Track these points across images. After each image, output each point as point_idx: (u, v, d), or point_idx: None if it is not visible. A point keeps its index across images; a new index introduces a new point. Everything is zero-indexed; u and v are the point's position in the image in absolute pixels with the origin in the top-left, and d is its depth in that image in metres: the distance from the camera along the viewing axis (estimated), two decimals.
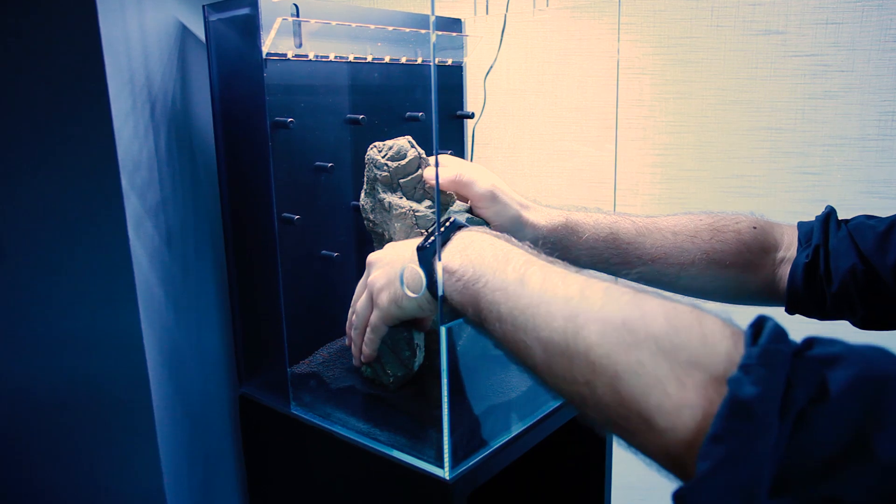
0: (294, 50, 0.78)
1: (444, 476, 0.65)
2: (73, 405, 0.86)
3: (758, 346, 0.37)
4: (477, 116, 1.06)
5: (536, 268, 0.52)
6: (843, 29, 1.05)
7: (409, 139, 0.77)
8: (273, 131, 0.76)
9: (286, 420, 0.80)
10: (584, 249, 0.76)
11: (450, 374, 0.62)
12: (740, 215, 0.77)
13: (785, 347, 0.37)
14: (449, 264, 0.58)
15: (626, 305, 0.44)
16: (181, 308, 0.82)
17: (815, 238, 0.71)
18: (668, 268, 0.75)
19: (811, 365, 0.37)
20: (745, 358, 0.37)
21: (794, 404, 0.35)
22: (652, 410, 0.40)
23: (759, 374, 0.36)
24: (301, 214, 0.79)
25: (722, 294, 0.76)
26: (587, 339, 0.44)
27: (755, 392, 0.35)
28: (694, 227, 0.76)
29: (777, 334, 0.38)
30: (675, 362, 0.40)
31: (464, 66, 1.08)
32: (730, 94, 1.13)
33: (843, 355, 0.36)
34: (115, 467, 0.85)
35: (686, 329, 0.41)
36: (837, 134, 1.09)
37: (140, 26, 0.74)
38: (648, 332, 0.42)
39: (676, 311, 0.42)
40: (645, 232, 0.76)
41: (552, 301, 0.48)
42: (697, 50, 1.14)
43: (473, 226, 0.63)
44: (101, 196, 0.74)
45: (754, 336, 0.39)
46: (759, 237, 0.75)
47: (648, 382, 0.40)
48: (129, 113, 0.73)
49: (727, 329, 0.41)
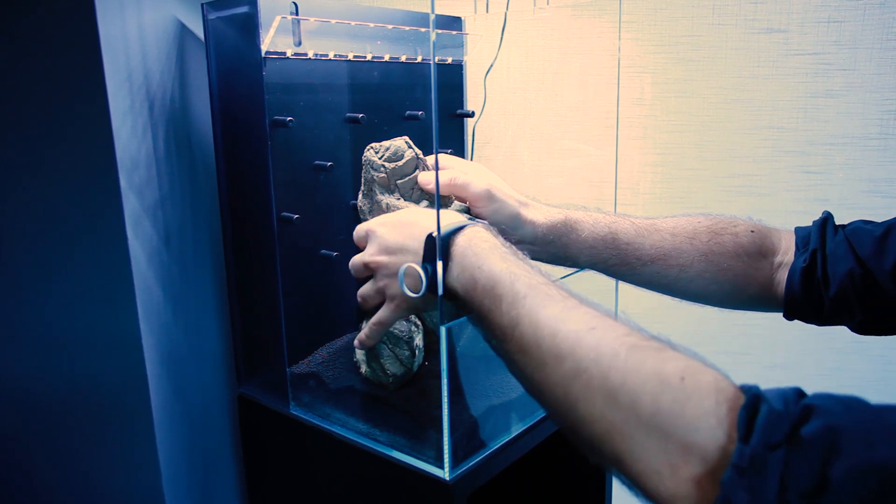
0: (293, 48, 0.78)
1: (443, 477, 0.65)
2: (72, 405, 0.86)
3: (750, 447, 0.37)
4: (477, 115, 1.06)
5: (525, 311, 0.51)
6: (845, 27, 1.05)
7: (406, 139, 0.77)
8: (272, 130, 0.76)
9: (285, 420, 0.80)
10: (583, 248, 0.76)
11: (450, 374, 0.62)
12: (738, 219, 0.77)
13: (778, 451, 0.37)
14: (450, 288, 0.59)
15: (615, 375, 0.44)
16: (180, 307, 0.81)
17: (813, 242, 0.71)
18: (667, 269, 0.75)
19: (808, 456, 0.36)
20: (738, 458, 0.37)
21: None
22: (652, 493, 0.41)
23: (752, 480, 0.36)
24: (300, 214, 0.79)
25: (719, 298, 0.76)
26: (586, 412, 0.45)
27: (746, 500, 0.36)
28: (692, 229, 0.76)
29: (770, 425, 0.38)
30: (669, 448, 0.40)
31: (464, 64, 1.07)
32: (731, 93, 1.13)
33: (840, 438, 0.36)
34: (114, 468, 0.85)
35: (676, 412, 0.40)
36: (839, 133, 1.09)
37: (138, 24, 0.74)
38: (637, 414, 0.42)
39: (665, 384, 0.42)
40: (644, 233, 0.76)
41: (546, 362, 0.48)
42: (698, 48, 1.14)
43: (493, 228, 0.62)
44: (100, 195, 0.74)
45: (748, 425, 0.38)
46: (756, 241, 0.74)
47: (645, 469, 0.41)
48: (128, 112, 0.73)
49: (721, 406, 0.40)
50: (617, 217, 0.78)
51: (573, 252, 0.77)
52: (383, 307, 0.68)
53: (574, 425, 0.46)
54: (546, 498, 1.01)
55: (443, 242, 0.60)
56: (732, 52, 1.12)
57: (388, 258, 0.66)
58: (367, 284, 0.69)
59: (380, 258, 0.67)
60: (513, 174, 1.26)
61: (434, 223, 0.60)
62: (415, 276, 0.61)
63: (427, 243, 0.61)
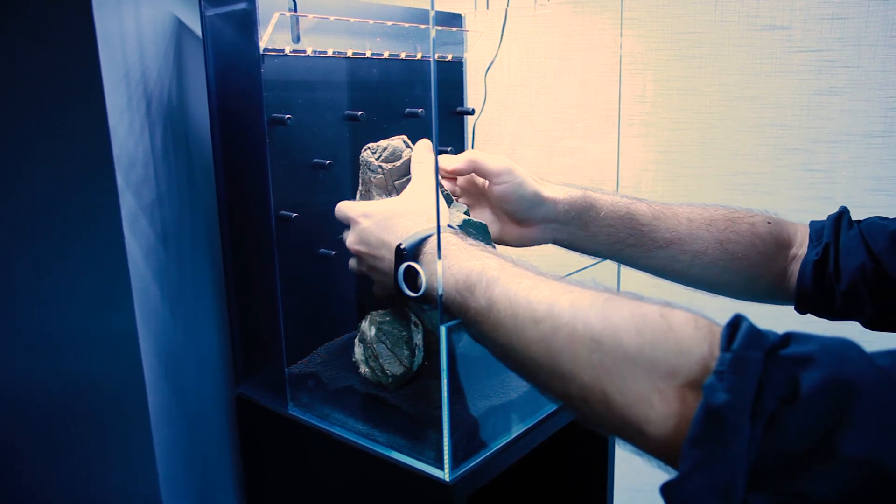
0: (292, 45, 0.78)
1: (444, 478, 0.65)
2: (67, 406, 0.86)
3: (730, 352, 0.39)
4: (477, 113, 1.06)
5: (499, 289, 0.53)
6: (849, 24, 1.05)
7: (403, 139, 0.77)
8: (270, 128, 0.76)
9: (284, 421, 0.80)
10: (602, 227, 0.76)
11: (450, 374, 0.62)
12: (754, 211, 0.78)
13: (757, 352, 0.39)
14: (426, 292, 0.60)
15: (595, 321, 0.46)
16: (177, 307, 0.81)
17: (826, 236, 0.71)
18: (682, 254, 0.75)
19: (784, 365, 0.38)
20: (719, 364, 0.39)
21: (765, 407, 0.38)
22: (642, 422, 0.42)
23: (731, 381, 0.38)
24: (299, 212, 0.79)
25: (733, 288, 0.77)
26: (570, 363, 0.46)
27: (726, 399, 0.38)
28: (709, 216, 0.77)
29: (751, 336, 0.40)
30: (655, 375, 0.42)
31: (464, 61, 1.07)
32: (734, 91, 1.13)
33: (816, 355, 0.38)
34: (110, 469, 0.85)
35: (659, 340, 0.43)
36: (843, 130, 1.09)
37: (136, 21, 0.74)
38: (623, 350, 0.44)
39: (646, 319, 0.44)
40: (661, 216, 0.76)
41: (524, 327, 0.50)
42: (701, 45, 1.14)
43: (460, 231, 0.63)
44: (96, 193, 0.74)
45: (729, 338, 0.40)
46: (773, 232, 0.75)
47: (634, 399, 0.43)
48: (125, 109, 0.73)
49: (699, 331, 0.42)
50: (634, 199, 0.78)
51: (592, 230, 0.76)
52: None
53: (560, 381, 0.48)
54: (547, 499, 1.01)
55: (411, 252, 0.61)
56: (735, 49, 1.12)
57: (367, 250, 0.68)
58: (352, 260, 0.73)
59: (359, 248, 0.69)
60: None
61: (417, 224, 0.63)
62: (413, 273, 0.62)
63: (396, 253, 0.62)
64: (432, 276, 0.59)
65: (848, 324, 0.71)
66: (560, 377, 0.47)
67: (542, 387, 0.51)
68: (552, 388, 0.49)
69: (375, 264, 0.68)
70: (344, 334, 0.91)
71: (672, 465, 0.42)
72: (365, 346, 0.76)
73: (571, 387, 0.47)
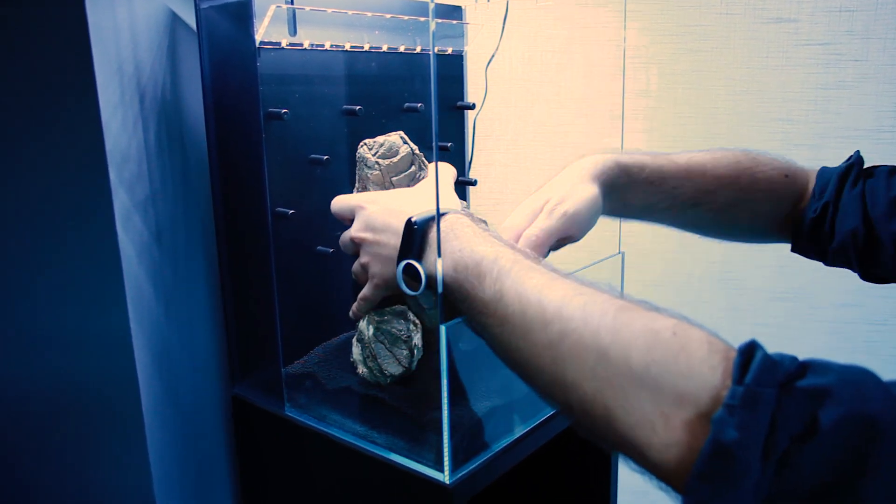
0: (288, 38, 0.78)
1: (443, 480, 0.66)
2: (59, 407, 0.86)
3: (743, 386, 0.38)
4: (478, 107, 1.06)
5: (510, 283, 0.52)
6: (858, 16, 1.05)
7: (401, 134, 0.77)
8: (267, 123, 0.76)
9: (280, 422, 0.80)
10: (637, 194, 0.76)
11: (450, 374, 0.63)
12: (775, 160, 0.79)
13: (771, 388, 0.38)
14: (429, 275, 0.60)
15: (605, 331, 0.45)
16: (172, 306, 0.82)
17: (828, 193, 0.72)
18: (707, 212, 0.77)
19: (800, 399, 0.37)
20: (730, 397, 0.38)
21: (778, 446, 0.36)
22: (643, 446, 0.41)
23: (742, 416, 0.37)
24: (295, 209, 0.79)
25: (739, 234, 0.81)
26: (574, 372, 0.45)
27: (735, 437, 0.37)
28: (735, 174, 0.77)
29: (765, 368, 0.38)
30: (661, 398, 0.41)
31: (464, 55, 1.07)
32: (740, 85, 1.13)
33: (833, 389, 0.37)
34: (103, 471, 0.85)
35: (669, 361, 0.41)
36: (851, 125, 1.09)
37: (129, 14, 0.74)
38: (629, 367, 0.42)
39: (657, 336, 0.43)
40: (692, 174, 0.77)
41: (531, 328, 0.49)
42: (706, 38, 1.14)
43: (453, 211, 0.62)
44: (89, 190, 0.74)
45: (742, 367, 0.39)
46: (789, 186, 0.77)
47: (637, 420, 0.42)
48: (118, 104, 0.73)
49: (713, 356, 0.41)
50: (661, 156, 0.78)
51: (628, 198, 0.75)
52: (367, 284, 0.70)
53: (562, 389, 0.47)
54: (549, 502, 1.01)
55: (421, 229, 0.61)
56: (741, 42, 1.12)
57: (372, 235, 0.67)
58: (357, 261, 0.72)
59: (364, 234, 0.68)
60: (515, 167, 1.26)
61: (423, 207, 0.62)
62: (413, 272, 0.62)
63: (406, 228, 0.61)
64: (443, 257, 0.58)
65: (850, 327, 0.71)
66: (562, 384, 0.47)
67: (543, 391, 0.50)
68: (553, 394, 0.48)
69: (378, 251, 0.67)
70: (341, 334, 0.91)
71: (674, 490, 0.41)
72: (363, 346, 0.77)
73: (572, 396, 0.46)
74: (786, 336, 1.21)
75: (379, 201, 0.69)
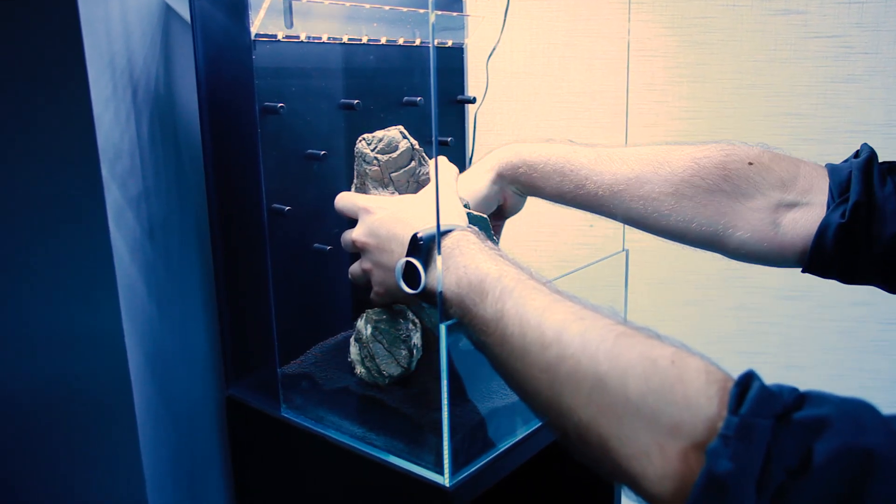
0: (284, 31, 0.78)
1: (443, 483, 0.66)
2: (50, 407, 0.86)
3: (738, 416, 0.38)
4: (479, 101, 1.06)
5: (511, 303, 0.52)
6: (867, 8, 1.05)
7: (400, 129, 0.77)
8: (262, 117, 0.76)
9: (276, 423, 0.80)
10: (546, 182, 0.76)
11: (450, 374, 0.63)
12: (737, 146, 0.70)
13: (766, 419, 0.38)
14: (430, 288, 0.60)
15: (603, 358, 0.45)
16: (165, 305, 0.82)
17: (854, 193, 0.62)
18: (633, 200, 0.71)
19: (796, 432, 0.37)
20: (725, 427, 0.38)
21: (772, 478, 0.37)
22: (638, 476, 0.42)
23: (737, 448, 0.37)
24: (292, 205, 0.79)
25: (699, 239, 0.70)
26: (570, 398, 0.46)
27: (729, 468, 0.37)
28: (664, 158, 0.71)
29: (761, 399, 0.39)
30: (656, 429, 0.41)
31: (465, 47, 1.07)
32: (747, 78, 1.13)
33: (830, 420, 0.37)
34: (95, 473, 0.85)
35: (666, 390, 0.42)
36: (861, 120, 1.09)
37: (121, 6, 0.74)
38: (626, 395, 0.43)
39: (655, 365, 0.43)
40: (603, 161, 0.73)
41: (530, 350, 0.49)
42: (713, 31, 1.14)
43: (459, 228, 0.63)
44: (80, 186, 0.74)
45: (738, 398, 0.39)
46: (757, 173, 0.67)
47: (633, 451, 0.42)
48: (110, 98, 0.73)
49: (710, 386, 0.41)
50: (578, 147, 0.77)
51: (539, 186, 0.77)
52: (372, 291, 0.71)
53: (558, 414, 0.47)
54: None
55: (426, 244, 0.61)
56: (748, 35, 1.12)
57: (376, 243, 0.68)
58: (356, 263, 0.72)
59: (368, 240, 0.69)
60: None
61: (429, 221, 0.62)
62: (413, 272, 0.62)
63: (411, 243, 0.62)
64: (447, 271, 0.59)
65: (858, 328, 0.71)
66: (558, 410, 0.47)
67: (540, 414, 0.50)
68: (549, 418, 0.49)
69: (382, 259, 0.67)
70: (339, 333, 0.91)
71: None
72: (361, 346, 0.77)
73: (568, 422, 0.46)
74: (793, 335, 1.21)
75: (387, 207, 0.69)
